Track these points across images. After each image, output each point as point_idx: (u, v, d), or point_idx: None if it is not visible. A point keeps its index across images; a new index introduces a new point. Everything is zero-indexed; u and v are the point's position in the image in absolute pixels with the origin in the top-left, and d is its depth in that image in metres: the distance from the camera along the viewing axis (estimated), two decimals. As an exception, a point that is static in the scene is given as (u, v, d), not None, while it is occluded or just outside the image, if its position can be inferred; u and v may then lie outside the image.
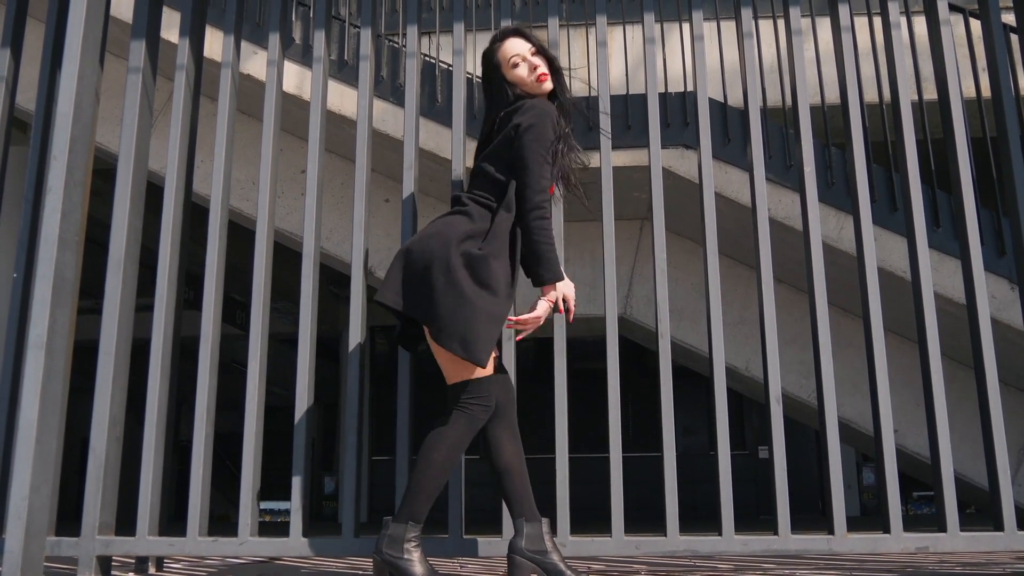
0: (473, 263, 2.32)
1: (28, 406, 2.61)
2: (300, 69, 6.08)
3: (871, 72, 6.08)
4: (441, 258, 2.32)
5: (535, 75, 2.54)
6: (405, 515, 2.32)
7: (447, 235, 2.37)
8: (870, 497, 13.01)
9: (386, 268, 2.47)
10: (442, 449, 2.33)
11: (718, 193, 5.51)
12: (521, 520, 2.38)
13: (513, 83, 2.56)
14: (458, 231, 2.37)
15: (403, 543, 2.30)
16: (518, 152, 2.44)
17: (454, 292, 2.29)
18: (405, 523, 2.32)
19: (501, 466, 2.43)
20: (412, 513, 2.32)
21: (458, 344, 2.26)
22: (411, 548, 2.30)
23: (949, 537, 2.64)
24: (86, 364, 3.15)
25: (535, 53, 2.56)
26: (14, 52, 3.20)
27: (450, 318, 2.28)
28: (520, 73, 2.55)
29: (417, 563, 2.29)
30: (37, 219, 2.94)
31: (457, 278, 2.30)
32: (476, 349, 2.26)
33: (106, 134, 6.63)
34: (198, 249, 3.03)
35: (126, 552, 2.76)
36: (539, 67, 2.55)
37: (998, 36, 3.00)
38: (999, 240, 5.42)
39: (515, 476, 2.43)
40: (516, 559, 2.35)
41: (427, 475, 2.31)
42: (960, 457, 5.81)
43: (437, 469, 2.32)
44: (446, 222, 2.44)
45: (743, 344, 6.35)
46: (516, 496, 2.41)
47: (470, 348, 2.26)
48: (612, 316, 2.83)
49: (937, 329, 2.80)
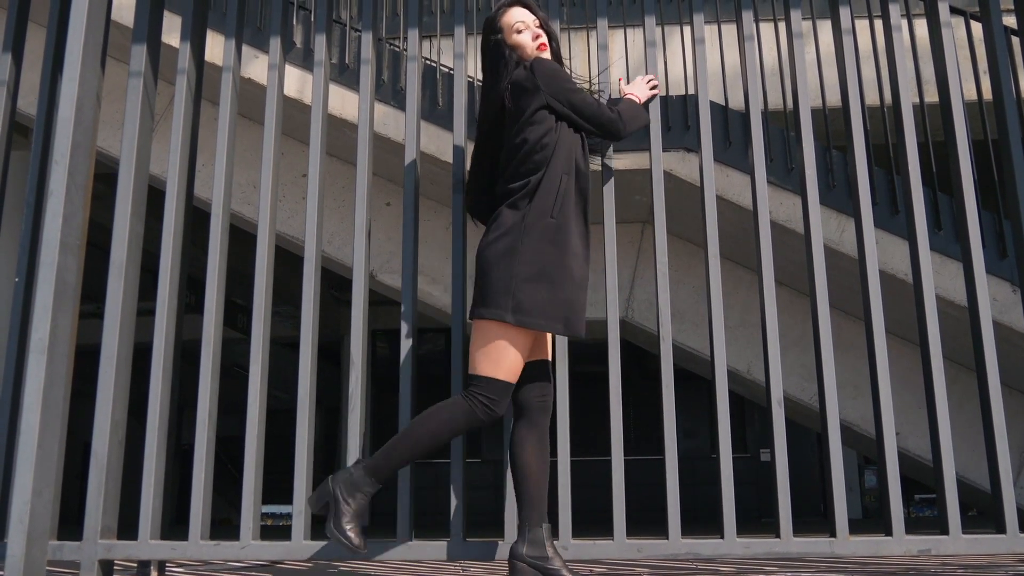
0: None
1: (30, 410, 2.61)
2: (301, 73, 6.08)
3: (872, 74, 6.09)
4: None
5: (536, 43, 2.61)
6: (537, 519, 2.39)
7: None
8: (872, 500, 13.00)
9: (388, 272, 2.48)
10: (430, 425, 2.38)
11: (719, 196, 5.51)
12: (525, 525, 2.37)
13: (513, 47, 2.61)
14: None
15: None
16: (567, 102, 2.51)
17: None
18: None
19: (517, 466, 2.43)
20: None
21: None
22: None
23: (951, 539, 2.63)
24: (88, 368, 3.15)
25: (539, 26, 2.63)
26: (15, 56, 3.20)
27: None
28: (523, 39, 2.61)
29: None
30: (39, 223, 2.94)
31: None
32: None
33: (107, 138, 6.64)
34: (199, 253, 3.03)
35: (128, 556, 2.75)
36: (540, 36, 2.62)
37: (999, 38, 3.00)
38: (1000, 242, 5.41)
39: (530, 480, 2.42)
40: (517, 564, 2.35)
41: (404, 445, 2.40)
42: (962, 459, 5.80)
43: (421, 444, 2.39)
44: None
45: (745, 347, 6.34)
46: (526, 500, 2.40)
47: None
48: (614, 319, 2.82)
49: (939, 331, 2.80)
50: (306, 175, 3.03)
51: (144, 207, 3.06)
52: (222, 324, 2.96)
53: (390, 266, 6.40)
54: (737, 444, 11.86)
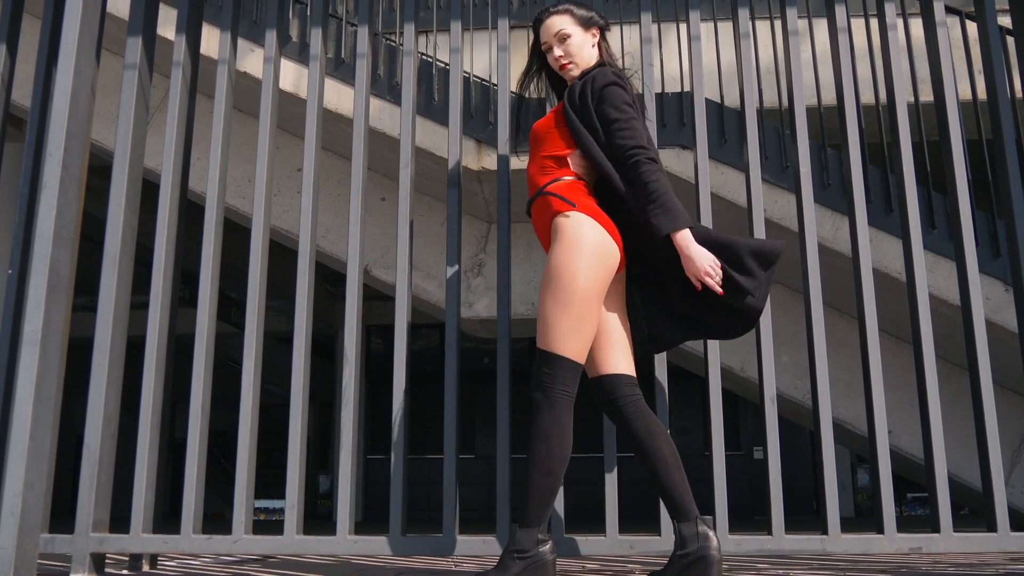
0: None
1: (22, 403, 2.60)
2: (297, 67, 6.07)
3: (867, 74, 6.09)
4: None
5: (558, 66, 2.54)
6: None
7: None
8: (864, 498, 13.04)
9: (382, 266, 2.47)
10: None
11: (714, 194, 5.51)
12: (514, 525, 2.27)
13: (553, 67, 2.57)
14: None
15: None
16: (600, 114, 2.39)
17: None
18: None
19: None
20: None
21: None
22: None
23: (942, 538, 2.64)
24: (81, 361, 3.14)
25: (560, 36, 2.51)
26: (10, 48, 3.19)
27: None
28: (551, 60, 2.55)
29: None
30: (32, 215, 2.93)
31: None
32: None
33: (102, 131, 6.62)
34: (194, 246, 3.03)
35: (120, 549, 2.75)
36: (560, 56, 2.52)
37: (994, 38, 3.01)
38: (994, 242, 5.43)
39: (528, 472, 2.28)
40: (504, 558, 2.29)
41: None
42: (954, 458, 5.82)
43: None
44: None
45: (738, 345, 6.34)
46: (522, 493, 2.29)
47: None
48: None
49: (932, 330, 2.80)
50: (301, 169, 3.02)
51: (138, 200, 3.05)
52: (216, 318, 2.95)
53: (384, 261, 6.40)
54: (730, 442, 11.88)
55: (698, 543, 2.23)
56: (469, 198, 6.29)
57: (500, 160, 2.97)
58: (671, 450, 2.29)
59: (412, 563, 3.45)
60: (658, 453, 2.27)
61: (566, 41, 2.50)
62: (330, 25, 6.15)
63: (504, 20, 3.07)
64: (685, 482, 2.29)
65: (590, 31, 2.54)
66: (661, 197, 2.30)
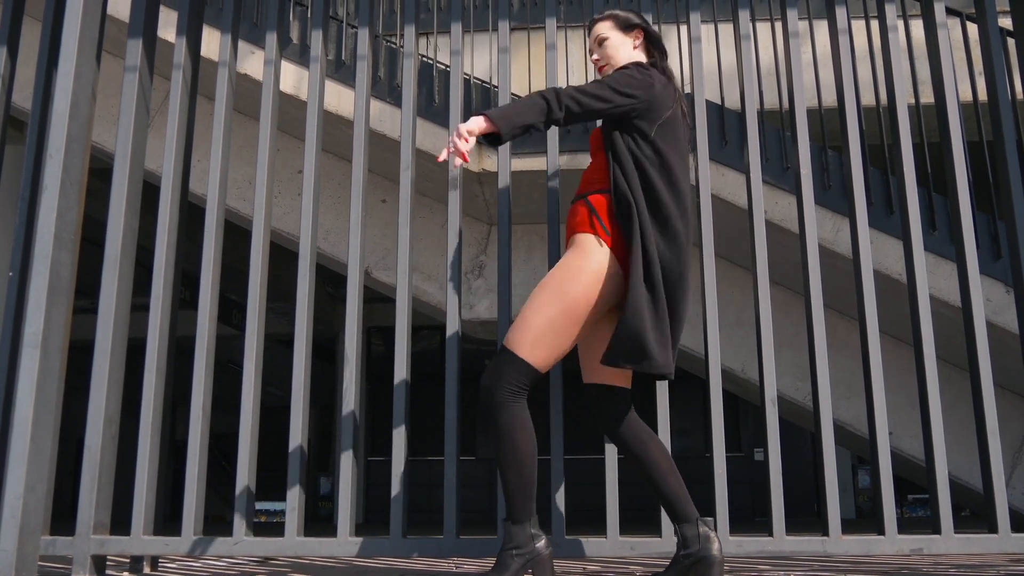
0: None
1: (23, 405, 2.60)
2: (297, 69, 6.07)
3: (868, 75, 6.09)
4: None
5: (596, 66, 2.62)
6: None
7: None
8: (865, 499, 13.02)
9: (383, 268, 2.47)
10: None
11: (715, 195, 5.51)
12: (507, 522, 2.26)
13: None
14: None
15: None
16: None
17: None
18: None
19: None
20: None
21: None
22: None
23: (943, 539, 2.64)
24: (82, 363, 3.15)
25: (598, 39, 2.58)
26: (11, 50, 3.19)
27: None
28: (592, 61, 2.65)
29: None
30: (33, 218, 2.93)
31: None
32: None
33: (103, 133, 6.62)
34: (194, 249, 3.03)
35: (121, 551, 2.75)
36: (597, 59, 2.61)
37: (995, 40, 3.01)
38: (995, 244, 5.42)
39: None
40: (501, 556, 2.28)
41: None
42: (955, 460, 5.81)
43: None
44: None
45: (739, 346, 6.35)
46: (505, 492, 2.27)
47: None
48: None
49: (933, 332, 2.80)
50: (302, 171, 3.03)
51: (139, 202, 3.05)
52: (216, 320, 2.96)
53: (385, 263, 6.40)
54: (731, 443, 11.90)
55: (700, 543, 2.24)
56: (470, 200, 6.29)
57: (501, 162, 2.97)
58: (665, 456, 2.32)
59: (413, 565, 3.44)
60: (652, 460, 2.30)
61: (603, 44, 2.58)
62: (330, 27, 6.15)
63: (505, 22, 3.07)
64: (682, 485, 2.31)
65: (630, 34, 2.58)
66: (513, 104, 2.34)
